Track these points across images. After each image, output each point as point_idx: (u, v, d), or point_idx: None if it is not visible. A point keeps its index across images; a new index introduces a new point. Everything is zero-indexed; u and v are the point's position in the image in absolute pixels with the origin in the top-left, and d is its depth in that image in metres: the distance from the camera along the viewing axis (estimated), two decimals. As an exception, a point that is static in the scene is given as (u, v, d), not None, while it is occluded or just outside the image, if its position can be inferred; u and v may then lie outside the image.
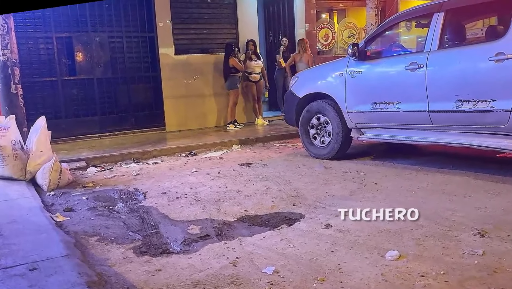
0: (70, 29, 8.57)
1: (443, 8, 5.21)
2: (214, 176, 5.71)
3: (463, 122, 4.99)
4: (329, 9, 12.83)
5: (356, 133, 6.07)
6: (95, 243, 3.71)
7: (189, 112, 9.62)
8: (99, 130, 8.92)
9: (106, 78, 8.97)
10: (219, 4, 9.92)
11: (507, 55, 4.52)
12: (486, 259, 2.96)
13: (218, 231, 3.80)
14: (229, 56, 9.36)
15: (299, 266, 3.04)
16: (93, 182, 5.72)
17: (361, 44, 5.90)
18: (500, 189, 4.47)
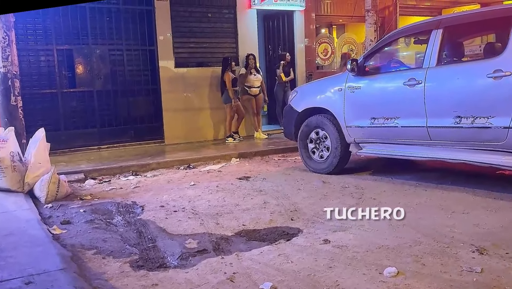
0: (71, 42, 8.60)
1: (441, 25, 5.25)
2: (212, 189, 5.70)
3: (461, 138, 5.00)
4: (328, 24, 12.94)
5: (355, 148, 6.08)
6: (92, 256, 3.70)
7: (188, 125, 9.63)
8: (98, 143, 8.90)
9: (106, 91, 8.99)
10: (219, 19, 10.00)
11: (505, 72, 4.55)
12: (484, 277, 2.95)
13: (215, 246, 3.78)
14: (225, 70, 9.41)
15: (296, 282, 3.02)
16: (91, 195, 5.71)
17: (360, 59, 5.93)
18: (499, 205, 4.46)
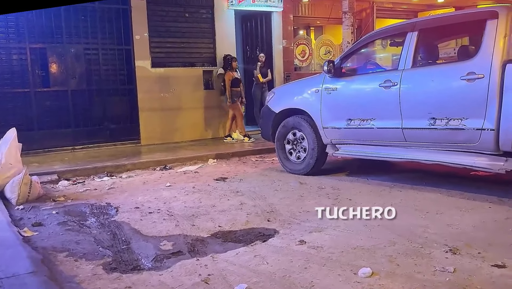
0: (45, 40, 8.44)
1: (416, 27, 5.31)
2: (188, 190, 5.65)
3: (436, 139, 5.06)
4: (306, 26, 13.00)
5: (331, 149, 6.10)
6: (64, 259, 3.62)
7: (165, 126, 9.55)
8: (73, 143, 8.76)
9: (80, 90, 8.85)
10: (197, 19, 9.94)
11: (478, 75, 4.62)
12: (457, 277, 2.98)
13: (191, 247, 3.74)
14: (226, 70, 9.45)
15: (271, 284, 3.01)
16: (64, 196, 5.60)
17: (337, 61, 5.96)
18: (472, 206, 4.53)
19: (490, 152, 4.68)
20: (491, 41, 4.61)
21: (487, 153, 4.71)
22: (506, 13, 4.61)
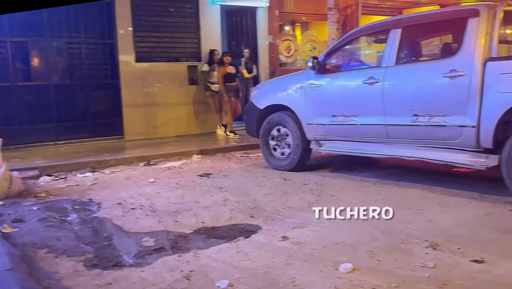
0: (26, 34, 8.31)
1: (400, 24, 5.34)
2: (172, 186, 5.62)
3: (418, 136, 5.10)
4: (291, 22, 12.97)
5: (315, 145, 6.12)
6: (44, 255, 3.58)
7: (149, 121, 9.47)
8: (55, 138, 8.64)
9: (63, 85, 8.73)
10: (181, 13, 9.87)
11: (460, 72, 4.67)
12: (437, 272, 3.01)
13: (173, 244, 3.72)
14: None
15: (253, 279, 3.01)
16: (45, 192, 5.53)
17: (321, 57, 5.96)
18: (453, 202, 4.58)
19: (471, 148, 4.74)
20: (473, 39, 4.66)
21: (469, 149, 4.76)
22: (487, 11, 4.65)
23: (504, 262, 3.13)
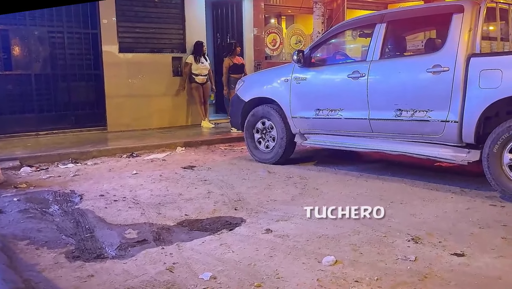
0: (7, 22, 8.13)
1: (385, 19, 5.36)
2: (155, 178, 5.59)
3: (401, 130, 5.14)
4: (277, 14, 12.95)
5: (300, 138, 6.13)
6: (25, 247, 3.53)
7: (132, 113, 9.37)
8: (36, 129, 8.52)
9: (44, 74, 8.59)
10: (166, 4, 9.75)
11: (443, 68, 4.70)
12: (418, 265, 3.05)
13: (156, 236, 3.70)
14: (226, 55, 9.54)
15: (236, 272, 3.01)
16: (26, 183, 5.45)
17: (306, 51, 5.96)
18: (435, 196, 4.63)
19: (453, 143, 4.79)
20: (457, 34, 4.69)
21: (451, 144, 4.82)
22: (472, 7, 4.69)
23: (483, 255, 3.18)
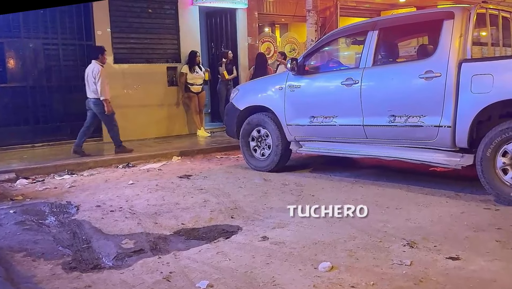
0: (1, 34, 8.16)
1: (377, 26, 5.41)
2: (151, 188, 5.60)
3: (395, 136, 5.18)
4: (271, 23, 13.04)
5: (295, 146, 6.16)
6: (21, 259, 3.54)
7: (128, 123, 9.35)
8: (32, 140, 8.52)
9: (40, 86, 8.61)
10: (160, 14, 9.81)
11: (436, 73, 4.75)
12: (413, 269, 3.07)
13: (153, 245, 3.71)
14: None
15: (233, 280, 3.02)
16: (22, 195, 5.45)
17: (300, 59, 6.01)
18: (429, 201, 4.66)
19: (447, 148, 4.83)
20: (448, 40, 4.75)
21: (445, 149, 4.86)
22: (462, 14, 4.75)
23: (478, 258, 3.20)
